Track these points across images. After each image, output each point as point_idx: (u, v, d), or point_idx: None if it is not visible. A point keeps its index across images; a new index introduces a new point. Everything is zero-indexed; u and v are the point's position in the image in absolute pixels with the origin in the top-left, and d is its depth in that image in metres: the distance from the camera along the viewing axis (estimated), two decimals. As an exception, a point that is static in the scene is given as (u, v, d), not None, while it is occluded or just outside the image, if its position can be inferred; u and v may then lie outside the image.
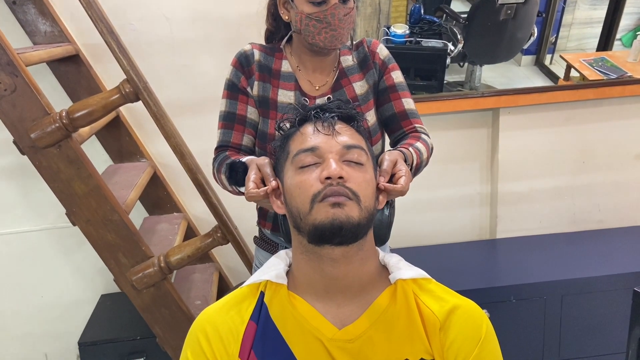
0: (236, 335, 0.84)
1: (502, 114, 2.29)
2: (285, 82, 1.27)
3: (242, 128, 1.28)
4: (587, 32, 2.78)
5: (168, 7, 2.00)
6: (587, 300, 2.08)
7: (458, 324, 0.84)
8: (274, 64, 1.28)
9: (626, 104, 2.34)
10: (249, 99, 1.28)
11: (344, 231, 0.80)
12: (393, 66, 1.32)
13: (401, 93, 1.31)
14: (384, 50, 1.33)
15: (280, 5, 1.21)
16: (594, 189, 2.47)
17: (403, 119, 1.30)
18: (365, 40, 1.32)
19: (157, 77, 1.93)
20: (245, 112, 1.27)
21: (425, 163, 1.23)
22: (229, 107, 1.28)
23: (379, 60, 1.31)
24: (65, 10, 1.95)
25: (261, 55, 1.27)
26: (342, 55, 1.31)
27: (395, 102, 1.30)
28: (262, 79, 1.27)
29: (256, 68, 1.26)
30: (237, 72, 1.27)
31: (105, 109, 1.59)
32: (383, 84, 1.31)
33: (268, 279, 0.89)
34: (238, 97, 1.27)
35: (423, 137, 1.26)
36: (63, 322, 2.38)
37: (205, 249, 1.74)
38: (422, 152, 1.20)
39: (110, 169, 2.11)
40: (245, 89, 1.27)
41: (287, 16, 1.21)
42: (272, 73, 1.27)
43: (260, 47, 1.29)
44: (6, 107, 1.48)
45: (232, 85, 1.28)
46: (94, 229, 1.62)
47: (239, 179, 1.10)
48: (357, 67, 1.31)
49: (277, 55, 1.29)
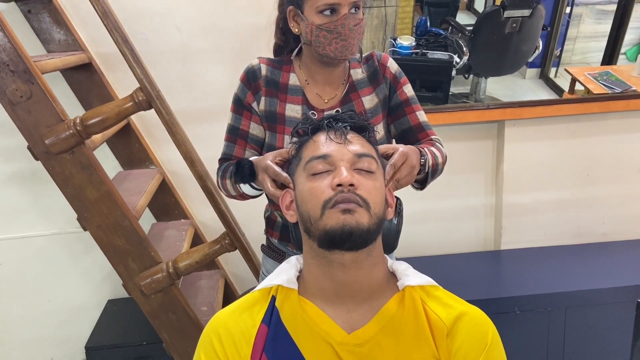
0: (248, 338, 0.86)
1: (507, 126, 2.31)
2: (292, 95, 1.27)
3: (244, 143, 1.30)
4: (591, 46, 2.81)
5: (179, 18, 2.03)
6: (591, 312, 2.09)
7: (465, 330, 0.85)
8: (282, 78, 1.28)
9: (631, 118, 2.35)
10: (253, 116, 1.29)
11: (354, 237, 0.81)
12: (404, 80, 1.33)
13: (414, 106, 1.33)
14: (394, 64, 1.33)
15: (290, 19, 1.21)
16: (599, 201, 2.48)
17: (419, 132, 1.32)
18: (375, 54, 1.33)
19: (168, 86, 1.96)
20: (248, 128, 1.29)
21: (441, 169, 1.25)
22: (234, 121, 1.30)
23: (389, 75, 1.32)
24: (79, 19, 1.99)
25: (268, 69, 1.28)
26: (352, 69, 1.31)
27: (410, 115, 1.32)
28: (269, 94, 1.27)
29: (263, 83, 1.27)
30: (244, 88, 1.28)
31: (119, 117, 1.62)
32: (397, 99, 1.32)
33: (279, 283, 0.91)
34: (243, 113, 1.29)
35: (437, 145, 1.29)
36: (70, 326, 2.40)
37: (213, 256, 1.76)
38: (437, 155, 1.22)
39: (120, 175, 2.13)
40: (250, 105, 1.28)
41: (297, 29, 1.21)
42: (280, 87, 1.28)
43: (267, 61, 1.29)
44: (22, 113, 1.51)
45: (238, 101, 1.29)
46: (105, 234, 1.64)
47: (245, 176, 1.15)
48: (367, 80, 1.31)
49: (285, 68, 1.29)
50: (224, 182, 1.27)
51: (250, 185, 1.19)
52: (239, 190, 1.23)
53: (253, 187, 1.20)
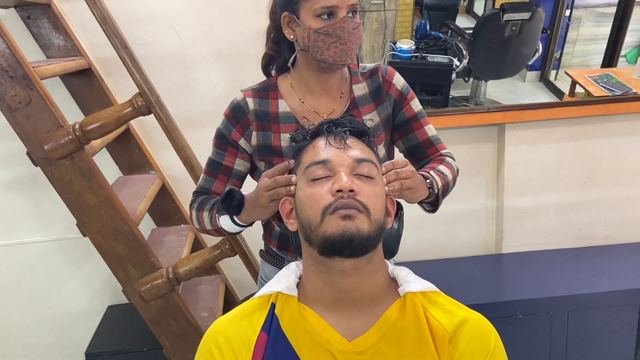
0: (248, 346, 0.85)
1: (507, 129, 2.31)
2: (285, 124, 1.22)
3: (225, 179, 1.26)
4: (591, 49, 2.82)
5: (179, 23, 2.03)
6: (594, 315, 2.08)
7: (467, 336, 0.85)
8: (271, 107, 1.22)
9: (631, 121, 2.35)
10: (239, 152, 1.25)
11: (354, 243, 0.81)
12: (411, 96, 1.29)
13: (422, 121, 1.29)
14: (400, 80, 1.28)
15: (285, 25, 1.16)
16: (600, 204, 2.48)
17: (428, 147, 1.29)
18: (380, 69, 1.27)
19: (167, 91, 1.96)
20: (233, 164, 1.25)
21: (453, 184, 1.23)
22: (216, 156, 1.26)
23: (395, 92, 1.27)
24: (78, 25, 1.99)
25: (255, 102, 1.22)
26: (355, 84, 1.26)
27: (418, 131, 1.29)
28: (261, 128, 1.22)
29: (253, 118, 1.22)
30: (228, 125, 1.23)
31: (118, 122, 1.61)
32: (403, 116, 1.28)
33: (279, 290, 0.91)
34: (227, 149, 1.25)
35: (447, 160, 1.26)
36: (70, 333, 2.39)
37: (213, 261, 1.76)
38: (446, 174, 1.20)
39: (120, 180, 2.13)
40: (236, 142, 1.24)
41: (293, 35, 1.17)
42: (271, 118, 1.22)
43: (252, 93, 1.24)
44: (21, 119, 1.50)
45: (222, 137, 1.25)
46: (104, 239, 1.64)
47: (232, 206, 1.10)
48: (369, 96, 1.26)
49: (271, 95, 1.24)
50: (199, 214, 1.23)
51: (232, 219, 1.15)
52: (216, 223, 1.19)
53: (234, 222, 1.16)
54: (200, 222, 1.24)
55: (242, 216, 1.13)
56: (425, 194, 1.12)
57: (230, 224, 1.17)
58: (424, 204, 1.21)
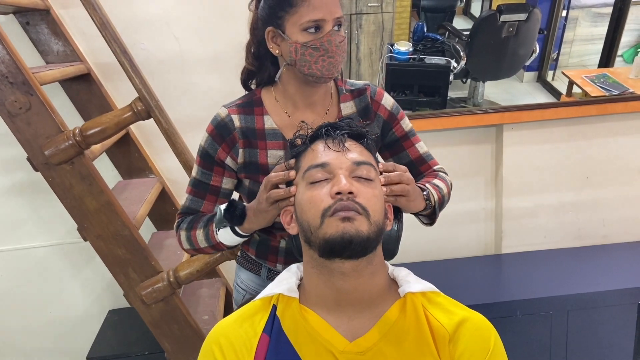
0: (249, 347, 0.86)
1: (505, 129, 2.32)
2: (272, 140, 1.19)
3: (214, 198, 1.22)
4: (588, 49, 2.83)
5: (177, 27, 2.04)
6: (593, 315, 2.09)
7: (467, 336, 0.85)
8: (257, 123, 1.19)
9: (629, 120, 2.36)
10: (226, 171, 1.21)
11: (353, 245, 0.81)
12: (401, 115, 1.28)
13: (413, 139, 1.29)
14: (389, 100, 1.27)
15: (269, 40, 1.13)
16: (598, 204, 2.48)
17: (421, 164, 1.29)
18: (369, 89, 1.26)
19: (167, 95, 1.97)
20: (220, 183, 1.21)
21: (448, 198, 1.23)
22: (202, 176, 1.21)
23: (384, 113, 1.26)
24: (77, 30, 2.00)
25: (241, 118, 1.18)
26: (342, 102, 1.24)
27: (409, 149, 1.29)
28: (247, 146, 1.18)
29: (239, 135, 1.18)
30: (213, 143, 1.19)
31: (118, 127, 1.62)
32: (393, 136, 1.28)
33: (280, 292, 0.91)
34: (213, 169, 1.20)
35: (441, 175, 1.26)
36: (71, 337, 2.39)
37: (214, 264, 1.76)
38: (442, 187, 1.20)
39: (120, 184, 2.14)
40: (222, 161, 1.20)
41: (278, 50, 1.14)
42: (257, 134, 1.19)
43: (237, 110, 1.19)
44: (21, 125, 1.51)
45: (207, 156, 1.20)
46: (105, 244, 1.64)
47: (235, 216, 1.08)
48: (357, 116, 1.24)
49: (256, 111, 1.20)
50: (190, 234, 1.18)
51: (233, 230, 1.12)
52: (214, 238, 1.15)
53: (236, 232, 1.12)
54: (191, 242, 1.19)
55: (245, 225, 1.10)
56: (422, 205, 1.11)
57: (232, 237, 1.14)
58: (421, 216, 1.20)
